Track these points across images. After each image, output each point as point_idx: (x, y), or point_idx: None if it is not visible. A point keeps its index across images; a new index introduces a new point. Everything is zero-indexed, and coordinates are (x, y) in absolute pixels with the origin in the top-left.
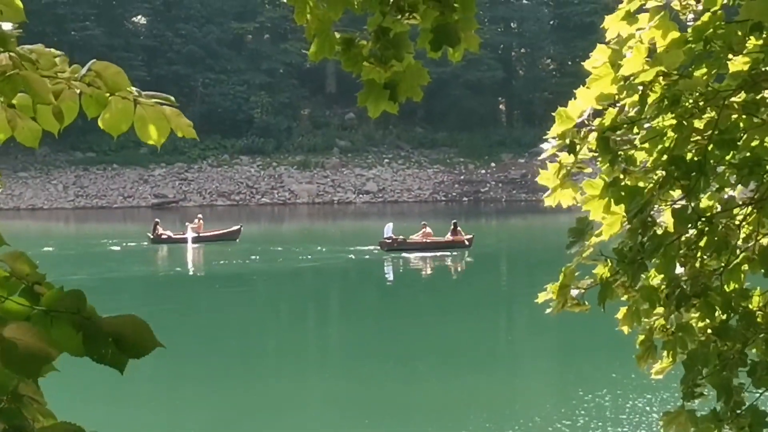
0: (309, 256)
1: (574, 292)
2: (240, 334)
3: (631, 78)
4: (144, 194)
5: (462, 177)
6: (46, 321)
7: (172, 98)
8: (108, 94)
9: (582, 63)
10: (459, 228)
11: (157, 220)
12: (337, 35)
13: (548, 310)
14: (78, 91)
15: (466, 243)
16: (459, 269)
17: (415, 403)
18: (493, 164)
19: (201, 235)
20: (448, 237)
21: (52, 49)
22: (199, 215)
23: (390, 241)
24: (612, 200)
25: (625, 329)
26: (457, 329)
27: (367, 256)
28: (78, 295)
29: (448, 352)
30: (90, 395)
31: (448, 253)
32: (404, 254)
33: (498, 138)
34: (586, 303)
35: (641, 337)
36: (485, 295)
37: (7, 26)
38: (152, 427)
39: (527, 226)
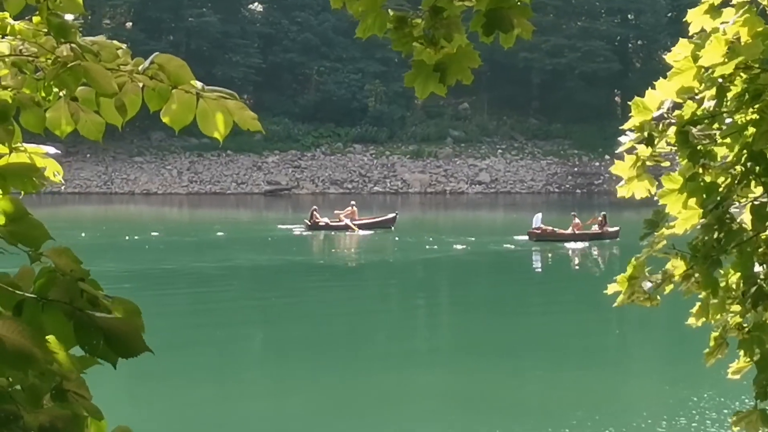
0: (459, 246)
1: (646, 285)
2: (383, 321)
3: (710, 71)
4: (257, 181)
5: (576, 169)
6: (37, 308)
7: (235, 93)
8: (171, 88)
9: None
10: (607, 220)
11: (314, 207)
12: (390, 12)
13: (615, 303)
14: (141, 84)
15: (614, 235)
16: (605, 261)
17: (523, 399)
18: (607, 156)
19: (356, 222)
20: (596, 229)
21: (115, 41)
22: (353, 202)
23: (539, 231)
24: (689, 195)
25: (695, 323)
26: (598, 321)
27: (512, 246)
28: (73, 285)
29: (579, 347)
30: (203, 379)
31: (597, 244)
32: (552, 244)
33: (613, 130)
34: (658, 297)
35: (714, 334)
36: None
37: (69, 17)
38: (262, 414)
39: (641, 220)
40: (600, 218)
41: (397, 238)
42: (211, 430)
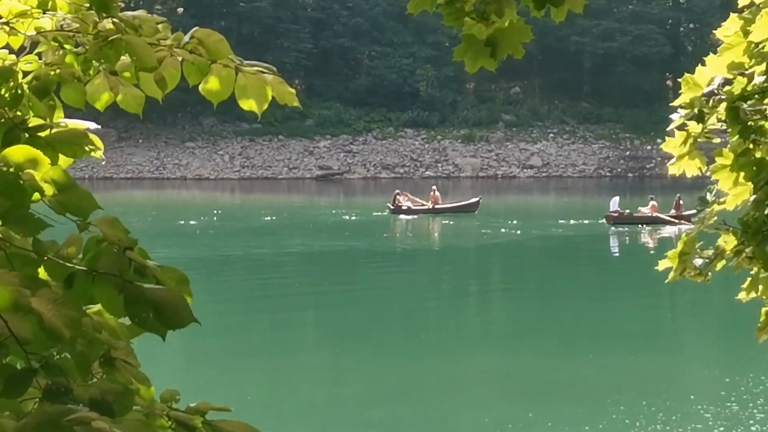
0: (538, 231)
1: (697, 262)
2: (447, 306)
3: (760, 46)
4: (309, 166)
5: (627, 153)
6: (87, 280)
7: (274, 68)
8: (209, 62)
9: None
10: (682, 203)
11: (397, 191)
12: None
13: (666, 280)
14: (180, 59)
15: (690, 218)
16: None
17: (577, 384)
18: (658, 140)
19: (439, 206)
20: (673, 212)
21: (155, 16)
22: (434, 186)
23: (617, 214)
24: (740, 171)
25: (745, 298)
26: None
27: (587, 230)
28: (122, 257)
29: (641, 331)
30: (256, 363)
31: (674, 228)
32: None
33: (665, 114)
34: (708, 274)
35: (766, 309)
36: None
37: None
38: (312, 399)
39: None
40: (675, 201)
41: (477, 223)
42: (263, 413)
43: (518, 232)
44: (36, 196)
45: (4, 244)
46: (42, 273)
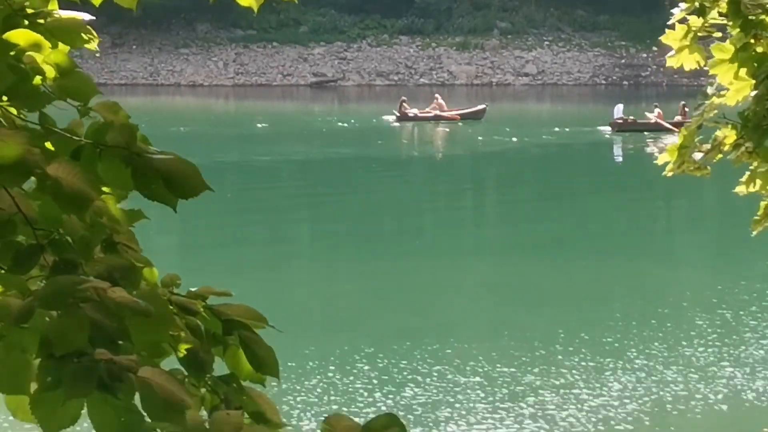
0: (547, 137)
1: (696, 155)
2: (447, 213)
3: None
4: (303, 73)
5: (623, 61)
6: (94, 154)
7: None
8: None
9: None
10: (687, 109)
11: (403, 98)
12: None
13: (665, 172)
14: None
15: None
16: None
17: (572, 290)
18: (655, 48)
19: (445, 113)
20: (678, 119)
21: None
22: (437, 94)
23: (621, 121)
24: (741, 66)
25: (744, 192)
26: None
27: (586, 138)
28: (128, 129)
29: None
30: (248, 266)
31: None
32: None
33: (661, 22)
34: (707, 167)
35: (764, 203)
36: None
37: None
38: (307, 306)
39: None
40: (681, 108)
41: (474, 131)
42: None
43: (514, 140)
44: (37, 79)
45: (8, 119)
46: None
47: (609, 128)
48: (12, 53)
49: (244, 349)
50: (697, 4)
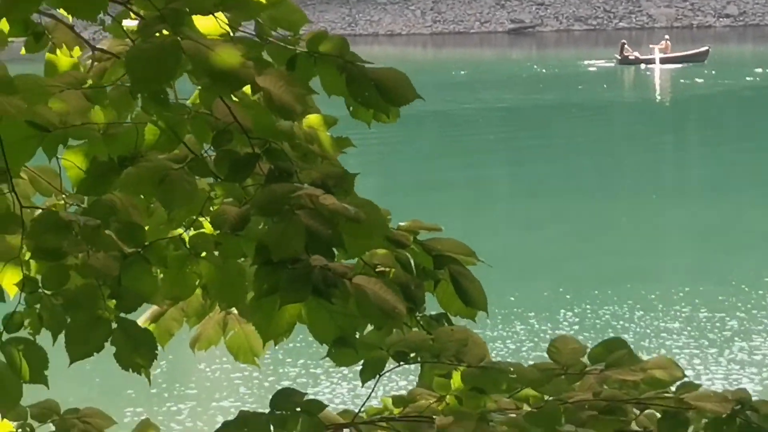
0: (750, 78)
1: None
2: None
3: None
4: (500, 19)
5: None
6: (309, 62)
7: None
8: None
9: None
10: None
11: (623, 41)
12: None
13: None
14: None
15: None
16: None
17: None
18: None
19: (668, 56)
20: None
21: None
22: (666, 36)
23: None
24: None
25: None
26: None
27: None
28: (341, 41)
29: None
30: (448, 210)
31: None
32: None
33: None
34: None
35: None
36: None
37: None
38: (507, 247)
39: None
40: None
41: (706, 72)
42: None
43: (717, 81)
44: None
45: (224, 32)
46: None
47: None
48: None
49: (454, 284)
50: None
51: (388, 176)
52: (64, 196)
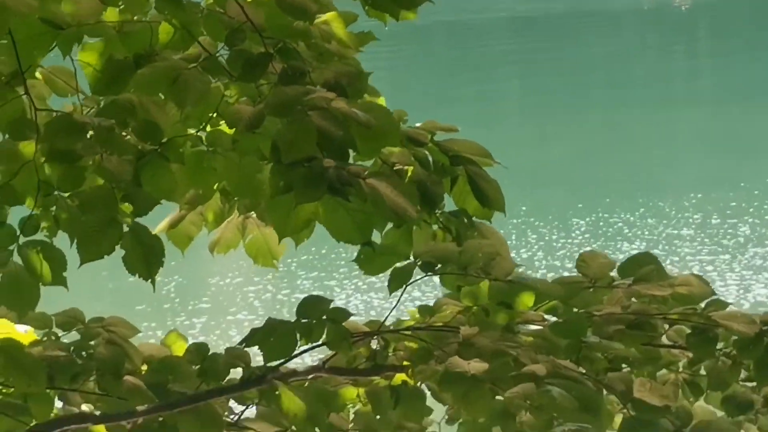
0: None
1: None
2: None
3: None
4: None
5: None
6: None
7: None
8: None
9: None
10: None
11: None
12: None
13: None
14: None
15: None
16: None
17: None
18: None
19: None
20: None
21: None
22: None
23: None
24: None
25: None
26: None
27: None
28: None
29: None
30: (459, 124)
31: None
32: None
33: None
34: None
35: None
36: None
37: None
38: (519, 158)
39: None
40: None
41: None
42: None
43: None
44: None
45: None
46: None
47: None
48: None
49: (471, 184)
50: None
51: (399, 91)
52: (79, 95)
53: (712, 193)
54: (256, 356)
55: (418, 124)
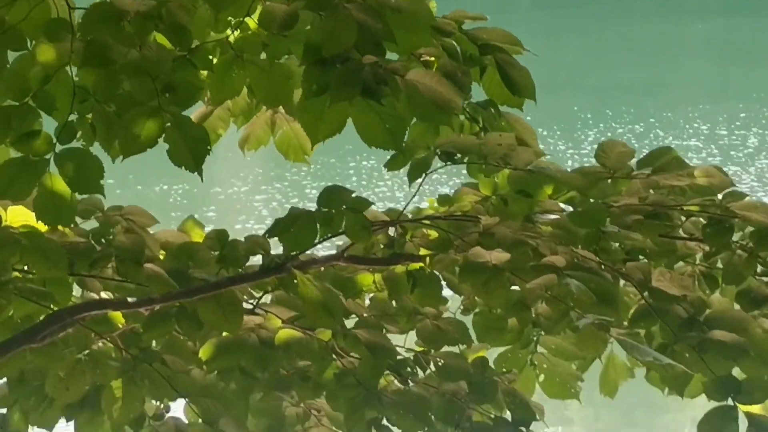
0: None
1: None
2: None
3: None
4: None
5: None
6: None
7: None
8: None
9: None
10: None
11: None
12: None
13: None
14: None
15: None
16: None
17: None
18: None
19: None
20: None
21: None
22: None
23: None
24: None
25: None
26: None
27: None
28: None
29: None
30: None
31: None
32: None
33: None
34: None
35: None
36: None
37: None
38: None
39: None
40: None
41: None
42: None
43: None
44: None
45: None
46: None
47: None
48: None
49: (500, 72)
50: None
51: None
52: None
53: (722, 103)
54: (276, 244)
55: (445, 14)
